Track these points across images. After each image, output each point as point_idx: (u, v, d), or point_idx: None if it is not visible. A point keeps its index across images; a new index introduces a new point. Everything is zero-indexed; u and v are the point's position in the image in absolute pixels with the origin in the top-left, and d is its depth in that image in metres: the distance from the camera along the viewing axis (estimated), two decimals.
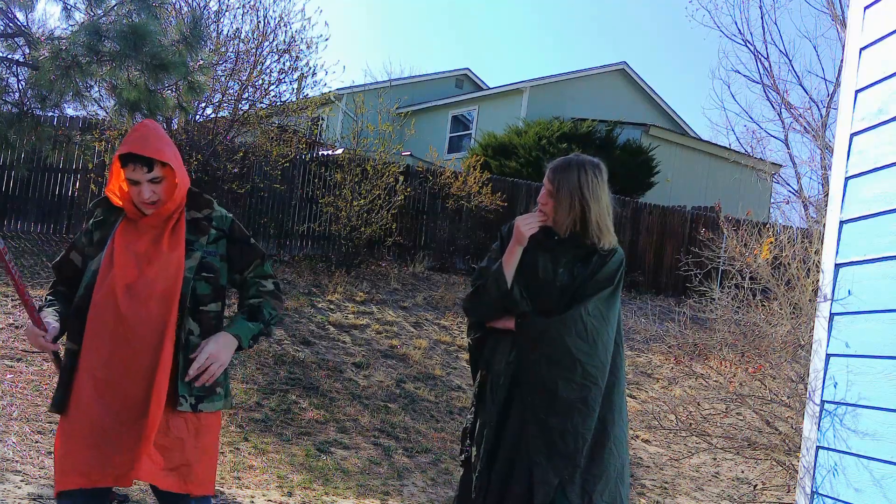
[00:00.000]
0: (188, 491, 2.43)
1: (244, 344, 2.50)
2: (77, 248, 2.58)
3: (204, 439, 2.48)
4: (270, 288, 2.61)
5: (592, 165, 2.63)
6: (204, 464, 2.48)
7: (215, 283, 2.53)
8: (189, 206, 2.56)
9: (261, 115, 10.61)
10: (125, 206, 2.53)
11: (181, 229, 2.49)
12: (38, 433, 5.11)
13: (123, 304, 2.37)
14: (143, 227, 2.49)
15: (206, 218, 2.56)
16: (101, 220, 2.56)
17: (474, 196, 11.85)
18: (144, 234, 2.47)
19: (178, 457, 2.40)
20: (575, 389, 2.51)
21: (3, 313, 7.15)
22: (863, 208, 3.26)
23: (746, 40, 20.81)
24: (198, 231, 2.53)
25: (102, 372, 2.35)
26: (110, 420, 2.34)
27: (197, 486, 2.45)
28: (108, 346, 2.37)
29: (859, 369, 3.15)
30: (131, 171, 2.43)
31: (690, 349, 7.23)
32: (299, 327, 8.25)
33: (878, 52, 3.32)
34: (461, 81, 22.15)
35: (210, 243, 2.54)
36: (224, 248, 2.57)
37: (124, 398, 2.35)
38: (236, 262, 2.59)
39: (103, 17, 5.64)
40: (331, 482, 5.21)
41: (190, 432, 2.44)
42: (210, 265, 2.52)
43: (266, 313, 2.55)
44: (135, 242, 2.46)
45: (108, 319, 2.37)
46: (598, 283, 2.60)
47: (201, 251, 2.51)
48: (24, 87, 6.08)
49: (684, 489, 6.31)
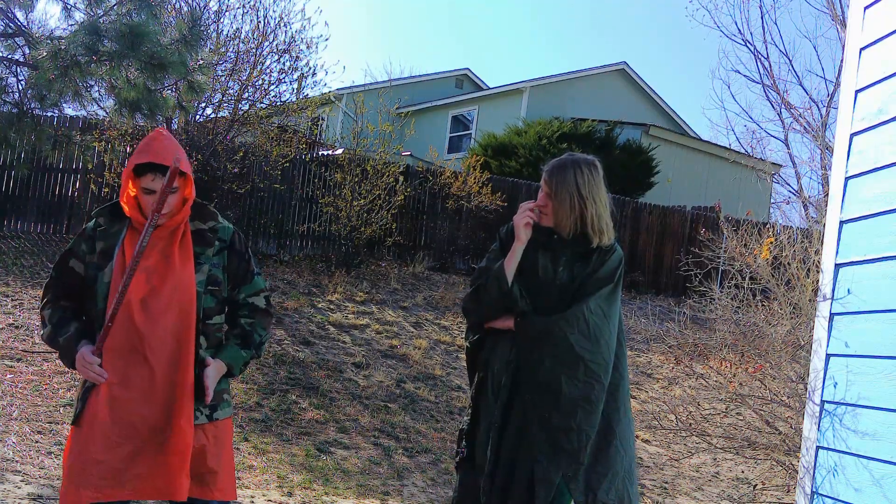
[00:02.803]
0: (213, 497, 2.46)
1: (235, 372, 2.54)
2: (76, 256, 2.51)
3: (223, 446, 2.51)
4: (262, 305, 2.63)
5: (588, 163, 2.64)
6: (226, 470, 2.51)
7: (220, 295, 2.53)
8: (193, 217, 2.55)
9: (261, 115, 10.60)
10: (134, 215, 2.48)
11: (189, 242, 2.48)
12: (38, 433, 5.11)
13: (139, 318, 2.36)
14: (151, 239, 2.46)
15: (211, 230, 2.56)
16: (104, 229, 2.50)
17: (474, 196, 11.85)
18: (153, 247, 2.44)
19: (202, 465, 2.43)
20: (578, 387, 2.52)
21: (3, 313, 7.14)
22: (863, 208, 3.26)
23: (746, 40, 20.75)
24: (204, 243, 2.53)
25: (119, 388, 2.35)
26: (126, 437, 2.34)
27: (221, 492, 2.48)
28: (125, 360, 2.36)
29: (859, 369, 3.15)
30: (150, 180, 2.40)
31: (690, 349, 7.23)
32: (299, 327, 8.25)
33: (878, 52, 3.32)
34: (461, 81, 22.15)
35: (215, 255, 2.54)
36: (226, 260, 2.57)
37: (141, 413, 2.35)
38: (233, 275, 2.58)
39: (103, 17, 5.64)
40: (331, 482, 5.20)
41: (210, 441, 2.46)
42: (216, 278, 2.52)
43: (257, 337, 2.58)
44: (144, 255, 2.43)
45: (124, 334, 2.36)
46: (599, 281, 2.60)
47: (208, 264, 2.50)
48: (23, 87, 6.08)
49: (684, 489, 6.31)
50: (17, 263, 8.69)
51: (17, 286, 7.81)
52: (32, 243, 9.69)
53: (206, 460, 2.44)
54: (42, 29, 5.83)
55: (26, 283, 7.97)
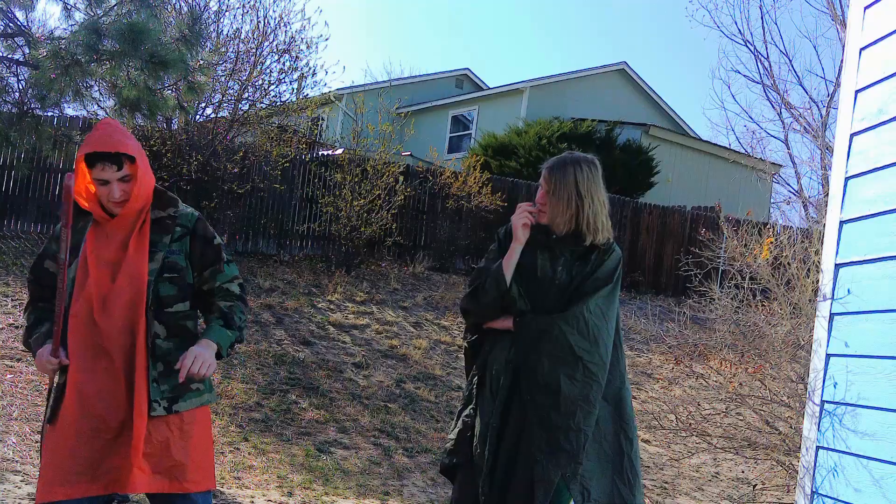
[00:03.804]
0: (185, 490, 2.44)
1: (223, 353, 2.50)
2: (50, 256, 2.54)
3: (191, 437, 2.47)
4: (237, 291, 2.60)
5: (587, 162, 2.65)
6: (196, 461, 2.47)
7: (181, 282, 2.50)
8: (154, 206, 2.55)
9: (261, 115, 10.60)
10: (93, 208, 2.49)
11: (146, 231, 2.48)
12: (38, 433, 5.10)
13: (98, 315, 2.38)
14: (111, 231, 2.47)
15: (169, 217, 2.54)
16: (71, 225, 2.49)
17: (474, 196, 11.86)
18: (113, 239, 2.45)
19: (167, 459, 2.41)
20: (577, 387, 2.53)
21: (3, 313, 7.15)
22: (863, 208, 3.26)
23: (746, 40, 20.79)
24: (161, 230, 2.51)
25: (86, 384, 2.36)
26: (96, 430, 2.35)
27: (194, 484, 2.46)
28: (90, 358, 2.38)
29: (859, 369, 3.15)
30: (100, 170, 2.41)
31: (690, 349, 7.24)
32: (299, 327, 8.25)
33: (878, 52, 3.32)
34: (461, 81, 22.14)
35: (174, 241, 2.52)
36: (188, 246, 2.55)
37: (108, 408, 2.36)
38: (196, 261, 2.56)
39: (103, 17, 5.64)
40: (331, 482, 5.21)
41: (174, 433, 2.43)
42: (174, 264, 2.49)
43: (238, 319, 2.56)
44: (105, 249, 2.44)
45: (87, 332, 2.38)
46: (598, 282, 2.61)
47: (164, 251, 2.48)
48: (24, 87, 6.08)
49: (684, 489, 6.31)
50: (17, 263, 8.69)
51: (17, 286, 7.81)
52: (32, 243, 9.69)
53: (171, 453, 2.41)
54: (42, 29, 5.83)
55: (26, 284, 7.97)
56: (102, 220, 2.49)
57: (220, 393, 6.33)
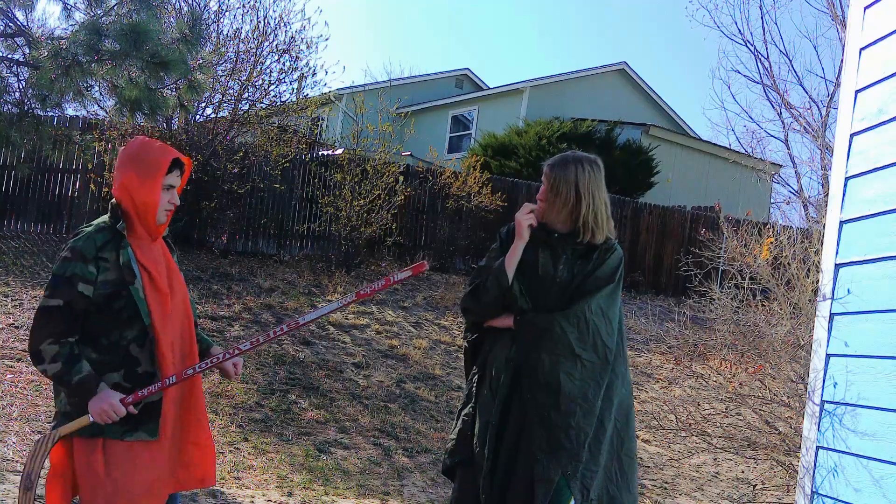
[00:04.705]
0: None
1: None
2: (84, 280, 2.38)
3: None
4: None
5: (589, 161, 2.66)
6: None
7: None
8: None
9: (261, 115, 10.61)
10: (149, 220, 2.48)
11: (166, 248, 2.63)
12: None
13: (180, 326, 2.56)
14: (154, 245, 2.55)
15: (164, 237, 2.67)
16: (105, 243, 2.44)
17: (474, 196, 11.85)
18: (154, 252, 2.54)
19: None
20: (577, 386, 2.53)
21: (3, 313, 7.15)
22: (863, 208, 3.26)
23: (746, 40, 20.80)
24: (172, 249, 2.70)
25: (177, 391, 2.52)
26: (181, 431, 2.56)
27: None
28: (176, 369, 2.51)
29: (859, 369, 3.15)
30: (175, 176, 2.53)
31: (690, 349, 7.24)
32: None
33: (878, 52, 3.33)
34: (461, 81, 22.14)
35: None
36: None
37: (187, 410, 2.56)
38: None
39: (103, 17, 5.64)
40: (331, 482, 5.21)
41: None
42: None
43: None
44: (157, 264, 2.52)
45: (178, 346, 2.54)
46: (599, 280, 2.61)
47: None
48: (24, 87, 6.08)
49: (684, 489, 6.31)
50: (17, 263, 8.70)
51: (17, 286, 7.81)
52: (32, 243, 9.69)
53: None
54: (42, 29, 5.84)
55: (26, 283, 7.97)
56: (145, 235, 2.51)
57: (220, 393, 6.33)
